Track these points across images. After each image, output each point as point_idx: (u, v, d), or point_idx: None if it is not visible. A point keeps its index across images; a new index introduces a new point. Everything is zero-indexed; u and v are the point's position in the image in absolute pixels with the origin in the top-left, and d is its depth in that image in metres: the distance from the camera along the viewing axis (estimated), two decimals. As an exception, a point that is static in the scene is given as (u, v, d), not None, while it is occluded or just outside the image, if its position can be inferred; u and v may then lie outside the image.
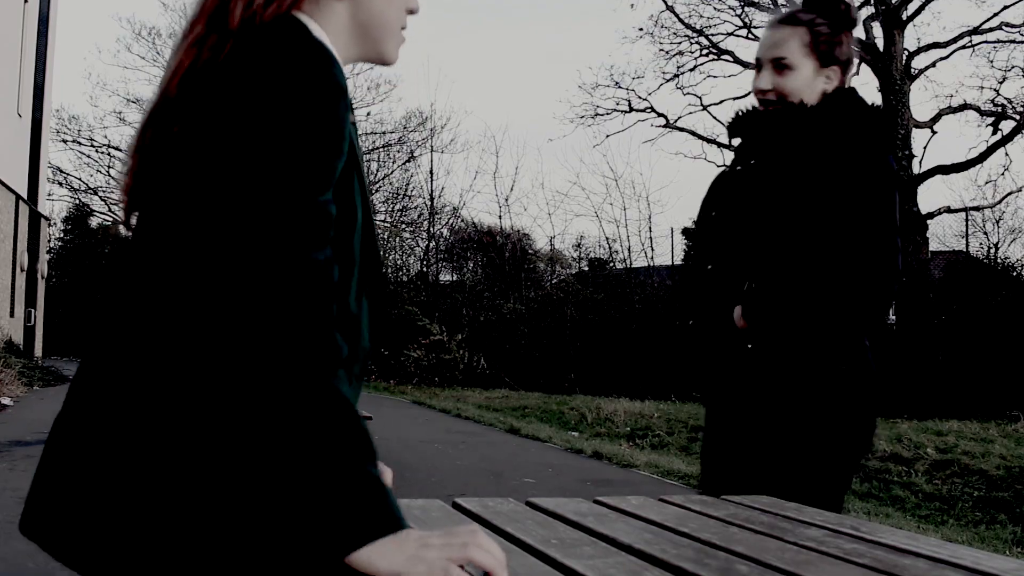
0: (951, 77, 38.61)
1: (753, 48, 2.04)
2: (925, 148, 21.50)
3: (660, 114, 17.81)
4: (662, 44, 17.54)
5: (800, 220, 1.78)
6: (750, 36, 16.64)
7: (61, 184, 23.08)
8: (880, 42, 15.14)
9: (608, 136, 34.30)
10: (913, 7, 15.06)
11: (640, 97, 20.29)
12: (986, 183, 16.27)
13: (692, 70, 17.44)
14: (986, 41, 15.42)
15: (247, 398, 0.81)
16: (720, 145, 16.85)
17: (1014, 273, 11.58)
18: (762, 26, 12.09)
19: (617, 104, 17.91)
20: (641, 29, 20.92)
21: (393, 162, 22.44)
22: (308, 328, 0.83)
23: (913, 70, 15.36)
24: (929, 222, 14.27)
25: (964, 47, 15.49)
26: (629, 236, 18.05)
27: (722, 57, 17.28)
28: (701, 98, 27.45)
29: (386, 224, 20.67)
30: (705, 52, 17.26)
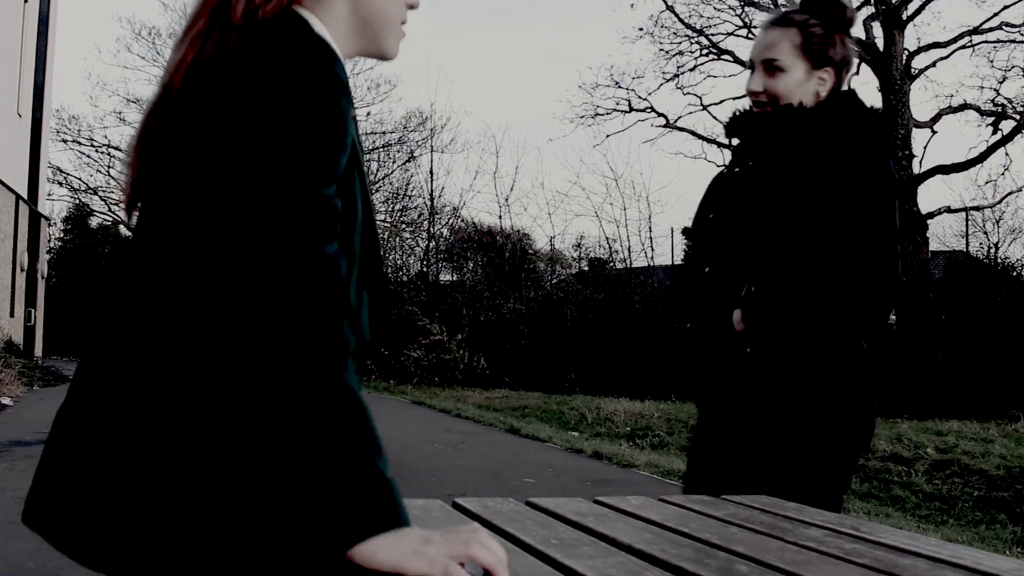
0: (951, 77, 38.63)
1: (753, 48, 2.04)
2: (925, 148, 21.50)
3: (660, 114, 17.85)
4: (662, 44, 17.60)
5: (799, 224, 1.77)
6: (750, 36, 16.65)
7: (61, 184, 23.13)
8: (880, 42, 15.14)
9: (608, 136, 34.42)
10: (913, 7, 15.08)
11: (640, 97, 20.34)
12: (986, 183, 16.30)
13: (692, 70, 17.49)
14: (986, 41, 15.45)
15: (255, 388, 0.81)
16: (720, 145, 16.87)
17: (1014, 273, 11.57)
18: (762, 26, 12.07)
19: (617, 104, 17.95)
20: (641, 29, 21.00)
21: (393, 162, 22.45)
22: (320, 320, 0.83)
23: (913, 70, 15.37)
24: (929, 222, 14.28)
25: (964, 47, 15.51)
26: (629, 236, 18.07)
27: (722, 57, 17.31)
28: (701, 98, 27.59)
29: (386, 224, 20.65)
30: (705, 52, 17.29)
